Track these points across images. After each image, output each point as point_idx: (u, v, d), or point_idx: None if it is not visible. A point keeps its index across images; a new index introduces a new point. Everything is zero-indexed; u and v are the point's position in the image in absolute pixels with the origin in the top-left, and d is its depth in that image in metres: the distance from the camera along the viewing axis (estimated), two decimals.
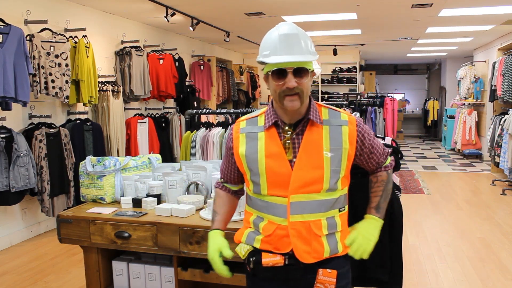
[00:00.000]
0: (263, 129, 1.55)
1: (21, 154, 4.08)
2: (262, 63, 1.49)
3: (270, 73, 1.47)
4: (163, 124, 6.67)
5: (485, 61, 10.07)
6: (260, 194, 1.55)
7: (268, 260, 1.52)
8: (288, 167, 1.50)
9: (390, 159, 1.73)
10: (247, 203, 1.65)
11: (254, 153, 1.54)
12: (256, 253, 1.56)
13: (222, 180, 1.75)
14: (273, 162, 1.51)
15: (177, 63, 7.00)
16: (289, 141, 1.51)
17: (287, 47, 1.43)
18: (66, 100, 4.68)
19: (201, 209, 2.31)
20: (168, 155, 6.61)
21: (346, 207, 1.60)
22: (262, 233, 1.55)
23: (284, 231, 1.51)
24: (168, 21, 5.85)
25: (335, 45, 10.07)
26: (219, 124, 3.97)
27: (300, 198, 1.49)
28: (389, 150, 1.74)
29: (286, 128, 1.52)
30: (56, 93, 4.52)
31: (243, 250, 1.59)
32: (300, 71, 1.44)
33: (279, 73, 1.44)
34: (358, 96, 10.27)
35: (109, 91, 5.47)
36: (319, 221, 1.51)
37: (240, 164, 1.59)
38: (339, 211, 1.56)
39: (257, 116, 1.60)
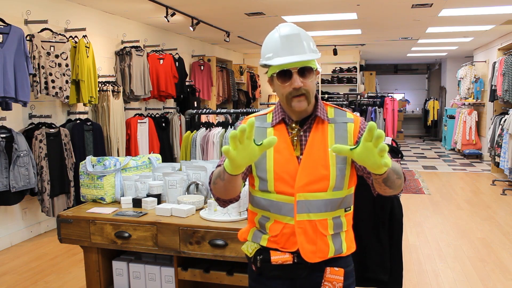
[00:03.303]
0: (271, 125, 1.56)
1: (21, 154, 4.08)
2: (265, 66, 1.49)
3: (275, 75, 1.47)
4: (163, 124, 6.67)
5: (485, 61, 10.07)
6: (266, 191, 1.53)
7: (277, 258, 1.51)
8: (295, 163, 1.50)
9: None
10: (251, 202, 1.62)
11: None
12: (263, 251, 1.54)
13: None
14: (281, 157, 1.51)
15: (177, 63, 7.00)
16: (296, 138, 1.52)
17: (289, 48, 1.43)
18: (66, 100, 4.68)
19: (201, 209, 2.31)
20: (168, 155, 6.61)
21: (352, 207, 1.59)
22: (269, 233, 1.54)
23: (291, 230, 1.50)
24: (168, 21, 5.85)
25: (335, 45, 10.07)
26: (219, 124, 3.97)
27: (307, 196, 1.48)
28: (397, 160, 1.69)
29: (294, 125, 1.53)
30: (56, 93, 4.53)
31: (250, 248, 1.57)
32: (305, 71, 1.44)
33: (284, 74, 1.44)
34: (358, 96, 10.28)
35: (109, 91, 5.47)
36: (325, 221, 1.50)
37: None
38: (345, 211, 1.55)
39: (265, 114, 1.61)
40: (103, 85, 5.44)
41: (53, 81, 4.49)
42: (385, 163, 1.20)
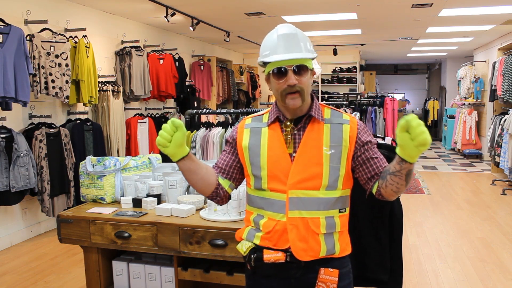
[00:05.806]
0: (267, 125, 1.59)
1: (21, 154, 4.08)
2: (263, 64, 1.54)
3: (271, 72, 1.51)
4: (163, 124, 6.66)
5: (485, 61, 10.07)
6: (260, 189, 1.56)
7: (269, 256, 1.53)
8: (288, 160, 1.52)
9: None
10: (248, 202, 1.65)
11: (257, 146, 1.57)
12: (257, 250, 1.56)
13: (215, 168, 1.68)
14: (275, 155, 1.53)
15: (177, 63, 7.00)
16: (290, 136, 1.54)
17: (286, 46, 1.48)
18: (66, 100, 4.68)
19: (201, 209, 2.31)
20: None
21: (347, 209, 1.60)
22: (262, 230, 1.56)
23: (283, 227, 1.52)
24: (168, 21, 5.85)
25: (335, 45, 10.07)
26: (219, 124, 3.97)
27: (299, 194, 1.50)
28: None
29: (288, 123, 1.55)
30: (56, 93, 4.53)
31: (244, 247, 1.59)
32: (300, 69, 1.48)
33: (280, 71, 1.49)
34: (358, 96, 10.27)
35: (109, 91, 5.47)
36: (317, 219, 1.51)
37: (242, 156, 1.61)
38: (339, 211, 1.55)
39: (262, 114, 1.65)
40: (103, 85, 5.44)
41: (53, 81, 4.49)
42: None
